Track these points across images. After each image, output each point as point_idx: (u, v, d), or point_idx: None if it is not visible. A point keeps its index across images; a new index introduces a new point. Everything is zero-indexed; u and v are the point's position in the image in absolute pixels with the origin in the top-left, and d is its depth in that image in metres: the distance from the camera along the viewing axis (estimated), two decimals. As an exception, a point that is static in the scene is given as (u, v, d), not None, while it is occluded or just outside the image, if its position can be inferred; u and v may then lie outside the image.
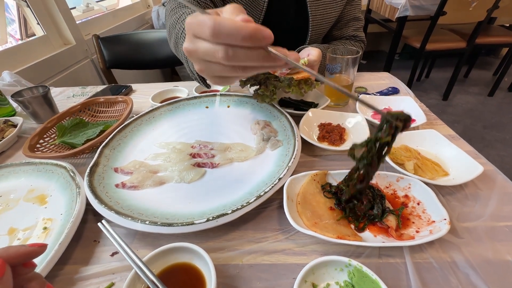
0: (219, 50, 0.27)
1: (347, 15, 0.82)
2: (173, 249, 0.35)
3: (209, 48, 0.28)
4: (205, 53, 0.29)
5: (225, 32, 0.26)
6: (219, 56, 0.28)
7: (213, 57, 0.28)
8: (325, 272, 0.34)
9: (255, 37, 0.26)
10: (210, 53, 0.28)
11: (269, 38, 0.27)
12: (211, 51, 0.28)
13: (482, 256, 0.35)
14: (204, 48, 0.29)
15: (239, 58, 0.28)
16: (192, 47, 0.30)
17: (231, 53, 0.27)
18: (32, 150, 0.57)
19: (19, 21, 1.31)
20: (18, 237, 0.42)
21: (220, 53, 0.27)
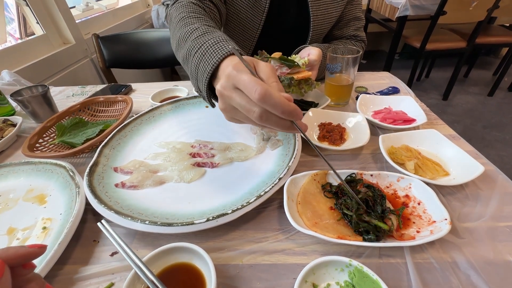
0: (256, 111, 0.31)
1: (348, 14, 0.81)
2: (173, 249, 0.35)
3: (247, 105, 0.32)
4: (240, 106, 0.33)
5: (271, 103, 0.30)
6: (253, 116, 0.32)
7: (247, 112, 0.33)
8: (326, 272, 0.34)
9: (291, 115, 0.31)
10: (245, 108, 0.32)
11: (300, 117, 0.32)
12: (247, 108, 0.32)
13: (483, 257, 0.35)
14: (242, 102, 0.32)
15: (269, 123, 0.32)
16: (229, 95, 0.34)
17: (265, 118, 0.32)
18: (32, 150, 0.57)
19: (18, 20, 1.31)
20: (17, 237, 0.42)
21: (256, 114, 0.32)
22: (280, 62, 0.58)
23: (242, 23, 0.78)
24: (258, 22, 0.76)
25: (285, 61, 0.57)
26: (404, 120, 0.61)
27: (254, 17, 0.75)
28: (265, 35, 0.81)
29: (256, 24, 0.76)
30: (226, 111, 0.37)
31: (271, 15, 0.76)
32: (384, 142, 0.52)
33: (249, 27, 0.78)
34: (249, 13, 0.75)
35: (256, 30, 0.78)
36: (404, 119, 0.61)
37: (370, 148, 0.56)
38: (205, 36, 0.46)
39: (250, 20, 0.76)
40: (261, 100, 0.30)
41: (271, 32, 0.81)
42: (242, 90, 0.32)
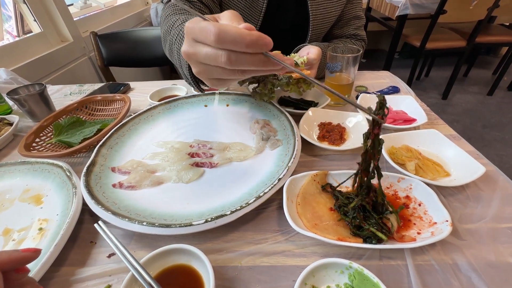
0: (222, 55, 0.29)
1: (348, 13, 0.81)
2: (171, 251, 0.35)
3: (211, 53, 0.29)
4: (206, 57, 0.30)
5: (229, 39, 0.27)
6: (221, 61, 0.29)
7: (215, 61, 0.30)
8: (326, 275, 0.33)
9: (257, 44, 0.28)
10: (211, 57, 0.30)
11: (269, 44, 0.29)
12: (213, 55, 0.29)
13: (485, 259, 0.35)
14: (206, 52, 0.30)
15: (241, 63, 0.29)
16: (192, 50, 0.31)
17: (233, 58, 0.29)
18: (28, 149, 0.56)
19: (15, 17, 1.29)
20: (13, 238, 0.42)
21: (223, 57, 0.29)
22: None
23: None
24: (255, 22, 0.75)
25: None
26: (405, 120, 0.61)
27: (251, 16, 0.74)
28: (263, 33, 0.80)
29: (253, 23, 0.76)
30: (200, 73, 0.34)
31: (269, 15, 0.75)
32: (384, 142, 0.52)
33: None
34: (246, 12, 0.74)
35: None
36: (404, 119, 0.61)
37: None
38: (185, 23, 0.45)
39: (247, 19, 0.75)
40: (217, 41, 0.27)
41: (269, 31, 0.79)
42: (200, 40, 0.30)
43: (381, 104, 0.34)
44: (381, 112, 0.34)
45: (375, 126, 0.36)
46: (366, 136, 0.37)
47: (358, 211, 0.39)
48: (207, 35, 0.28)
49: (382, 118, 0.34)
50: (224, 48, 0.28)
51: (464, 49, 2.05)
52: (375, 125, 0.36)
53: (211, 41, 0.28)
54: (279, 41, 0.82)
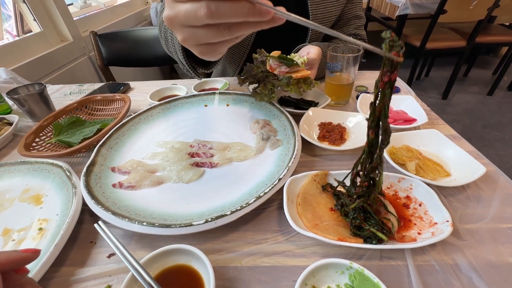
0: (201, 6, 0.26)
1: (348, 13, 0.81)
2: (171, 251, 0.35)
3: (190, 8, 0.27)
4: (187, 15, 0.28)
5: None
6: (201, 14, 0.27)
7: (196, 16, 0.27)
8: (326, 275, 0.33)
9: None
10: (192, 13, 0.27)
11: None
12: (193, 10, 0.27)
13: (485, 259, 0.35)
14: (185, 9, 0.28)
15: (223, 13, 0.27)
16: (173, 12, 0.29)
17: (213, 8, 0.26)
18: (28, 149, 0.56)
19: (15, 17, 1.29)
20: (13, 238, 0.42)
21: (202, 10, 0.26)
22: (279, 60, 0.57)
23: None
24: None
25: (284, 59, 0.57)
26: (405, 120, 0.61)
27: None
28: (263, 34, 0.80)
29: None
30: (186, 40, 0.32)
31: None
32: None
33: None
34: None
35: None
36: (404, 119, 0.61)
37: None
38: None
39: None
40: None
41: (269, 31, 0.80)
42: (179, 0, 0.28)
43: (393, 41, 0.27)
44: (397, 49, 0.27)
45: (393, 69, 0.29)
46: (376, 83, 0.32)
47: (358, 212, 0.38)
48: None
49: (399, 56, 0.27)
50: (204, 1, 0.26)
51: (464, 49, 2.05)
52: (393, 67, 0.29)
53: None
54: (279, 40, 0.82)
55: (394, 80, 0.29)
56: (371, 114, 0.33)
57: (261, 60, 0.61)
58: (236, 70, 0.91)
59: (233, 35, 0.30)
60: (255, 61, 0.62)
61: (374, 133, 0.33)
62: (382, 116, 0.32)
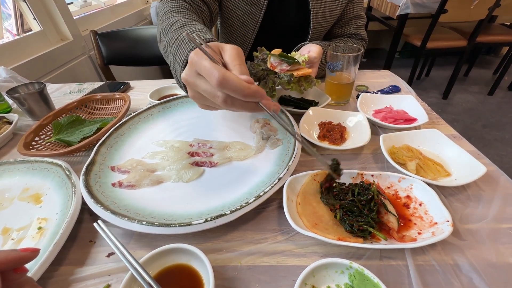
0: (220, 96, 0.32)
1: (349, 13, 0.80)
2: (171, 250, 0.35)
3: (210, 91, 0.33)
4: (204, 92, 0.33)
5: (230, 88, 0.30)
6: (217, 101, 0.32)
7: (212, 98, 0.33)
8: (326, 275, 0.33)
9: (253, 96, 0.31)
10: (210, 94, 0.33)
11: (263, 97, 0.32)
12: (211, 94, 0.33)
13: (486, 259, 0.35)
14: (205, 88, 0.33)
15: (234, 106, 0.33)
16: (193, 81, 0.34)
17: (229, 102, 0.32)
18: (27, 148, 0.56)
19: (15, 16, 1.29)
20: (12, 237, 0.41)
21: (220, 99, 0.32)
22: (280, 58, 0.57)
23: (240, 20, 0.77)
24: (256, 20, 0.75)
25: (285, 58, 0.56)
26: (405, 120, 0.61)
27: (252, 14, 0.74)
28: (264, 32, 0.80)
29: (254, 21, 0.75)
30: (195, 98, 0.37)
31: (270, 13, 0.75)
32: (385, 141, 0.52)
33: (247, 24, 0.77)
34: (247, 10, 0.74)
35: (254, 27, 0.77)
36: (405, 118, 0.61)
37: (370, 148, 0.55)
38: (184, 28, 0.47)
39: (248, 17, 0.75)
40: (219, 86, 0.30)
41: (270, 29, 0.80)
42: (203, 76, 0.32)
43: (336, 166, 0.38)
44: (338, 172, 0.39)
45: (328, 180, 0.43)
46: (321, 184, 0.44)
47: (348, 218, 0.39)
48: (210, 77, 0.30)
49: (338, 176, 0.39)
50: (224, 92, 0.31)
51: (465, 48, 2.05)
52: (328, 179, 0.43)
53: (213, 83, 0.30)
54: (280, 39, 0.82)
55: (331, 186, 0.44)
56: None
57: (262, 58, 0.61)
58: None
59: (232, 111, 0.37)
60: (256, 59, 0.62)
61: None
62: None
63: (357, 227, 0.37)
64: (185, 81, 0.35)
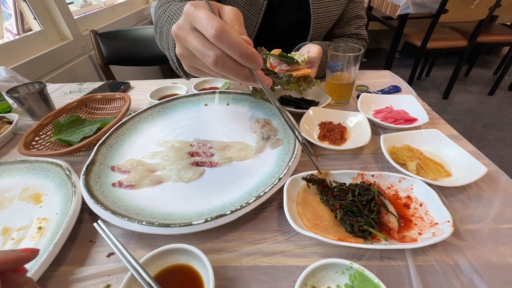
0: (211, 55, 0.28)
1: (349, 13, 0.80)
2: (171, 251, 0.35)
3: (202, 48, 0.29)
4: (195, 49, 0.30)
5: (228, 41, 0.27)
6: (208, 61, 0.29)
7: (202, 57, 0.30)
8: (326, 275, 0.33)
9: (250, 58, 0.28)
10: (200, 52, 0.29)
11: (260, 64, 0.30)
12: (203, 52, 0.29)
13: (486, 260, 0.35)
14: (196, 45, 0.29)
15: (225, 69, 0.29)
16: (184, 35, 0.30)
17: (220, 63, 0.29)
18: (27, 148, 0.56)
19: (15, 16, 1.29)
20: (12, 237, 0.41)
21: (210, 58, 0.28)
22: (279, 58, 0.57)
23: None
24: (255, 20, 0.75)
25: (284, 58, 0.56)
26: (406, 120, 0.61)
27: (251, 14, 0.74)
28: (264, 32, 0.80)
29: (253, 21, 0.75)
30: (183, 56, 0.34)
31: (270, 12, 0.75)
32: (385, 142, 0.51)
33: (247, 25, 0.77)
34: (246, 10, 0.73)
35: (254, 27, 0.77)
36: (405, 118, 0.61)
37: (371, 148, 0.55)
38: (178, 5, 0.44)
39: (247, 17, 0.75)
40: (217, 37, 0.27)
41: (270, 29, 0.80)
42: (198, 28, 0.29)
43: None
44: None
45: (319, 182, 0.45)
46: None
47: (348, 218, 0.39)
48: (208, 27, 0.27)
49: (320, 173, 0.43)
50: (218, 47, 0.28)
51: (465, 48, 2.05)
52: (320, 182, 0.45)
53: (209, 34, 0.27)
54: (279, 39, 0.82)
55: (326, 186, 0.45)
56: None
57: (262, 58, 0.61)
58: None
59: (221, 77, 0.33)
60: None
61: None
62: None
63: (357, 228, 0.37)
64: (175, 35, 0.32)
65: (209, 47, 0.29)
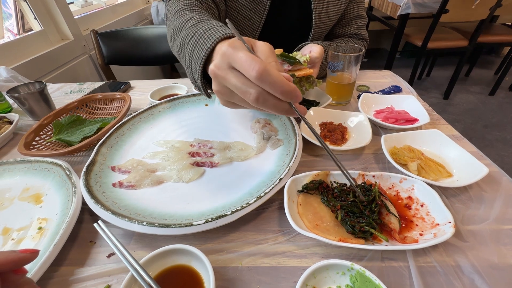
0: (253, 93, 0.29)
1: (350, 13, 0.80)
2: (171, 251, 0.35)
3: (243, 87, 0.30)
4: (235, 87, 0.31)
5: (270, 81, 0.28)
6: (249, 98, 0.30)
7: (242, 94, 0.30)
8: (327, 276, 0.33)
9: (291, 95, 0.29)
10: (241, 90, 0.30)
11: (299, 98, 0.30)
12: (243, 89, 0.30)
13: (488, 260, 0.35)
14: (237, 83, 0.30)
15: (266, 105, 0.30)
16: (223, 74, 0.31)
17: (261, 100, 0.30)
18: (28, 148, 0.56)
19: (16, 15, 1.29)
20: (12, 237, 0.41)
21: (252, 96, 0.29)
22: (282, 58, 0.57)
23: (243, 21, 0.77)
24: (259, 20, 0.74)
25: (286, 57, 0.56)
26: (407, 120, 0.60)
27: (255, 15, 0.74)
28: (266, 32, 0.79)
29: (257, 22, 0.75)
30: (220, 93, 0.34)
31: (272, 13, 0.75)
32: (386, 142, 0.51)
33: (250, 25, 0.77)
34: (250, 10, 0.73)
35: (257, 27, 0.77)
36: (406, 118, 0.61)
37: (372, 148, 0.55)
38: (200, 24, 0.44)
39: (251, 18, 0.74)
40: (259, 78, 0.28)
41: (272, 29, 0.80)
42: (238, 69, 0.30)
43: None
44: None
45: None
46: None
47: (349, 218, 0.39)
48: (249, 69, 0.28)
49: None
50: (259, 86, 0.29)
51: (466, 48, 2.05)
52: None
53: (251, 76, 0.28)
54: (281, 39, 0.82)
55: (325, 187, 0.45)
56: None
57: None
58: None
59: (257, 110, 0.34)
60: None
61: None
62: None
63: (358, 228, 0.37)
64: (213, 74, 0.33)
65: (250, 85, 0.30)
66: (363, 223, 0.37)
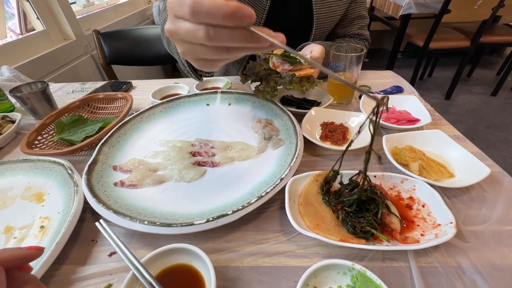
0: (200, 29, 0.27)
1: (351, 13, 0.80)
2: (172, 250, 0.35)
3: (190, 28, 0.27)
4: (186, 33, 0.28)
5: (204, 11, 0.25)
6: (200, 36, 0.27)
7: (195, 37, 0.28)
8: (328, 276, 0.33)
9: (235, 16, 0.25)
10: (191, 33, 0.28)
11: (249, 17, 0.26)
12: (192, 31, 0.27)
13: (489, 261, 0.35)
14: (185, 28, 0.28)
15: (221, 38, 0.27)
16: (173, 27, 0.29)
17: (212, 33, 0.26)
18: (30, 147, 0.56)
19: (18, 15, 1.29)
20: (15, 236, 0.42)
21: (201, 32, 0.27)
22: (282, 58, 0.56)
23: None
24: (258, 20, 0.75)
25: (287, 57, 0.56)
26: (408, 120, 0.60)
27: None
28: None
29: (256, 21, 0.75)
30: (186, 53, 0.32)
31: (273, 13, 0.75)
32: (387, 142, 0.51)
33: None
34: None
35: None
36: (408, 119, 0.60)
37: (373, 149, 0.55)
38: None
39: None
40: (193, 13, 0.25)
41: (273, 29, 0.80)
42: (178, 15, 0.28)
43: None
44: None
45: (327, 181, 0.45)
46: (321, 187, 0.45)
47: (350, 219, 0.39)
48: (183, 9, 0.26)
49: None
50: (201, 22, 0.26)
51: (468, 49, 2.04)
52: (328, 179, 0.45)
53: (187, 14, 0.26)
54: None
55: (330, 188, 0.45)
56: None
57: (264, 58, 0.61)
58: (240, 70, 0.91)
59: (231, 56, 0.31)
60: (258, 58, 0.62)
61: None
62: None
63: (359, 228, 0.37)
64: (169, 33, 0.31)
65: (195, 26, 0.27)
66: (364, 223, 0.37)
